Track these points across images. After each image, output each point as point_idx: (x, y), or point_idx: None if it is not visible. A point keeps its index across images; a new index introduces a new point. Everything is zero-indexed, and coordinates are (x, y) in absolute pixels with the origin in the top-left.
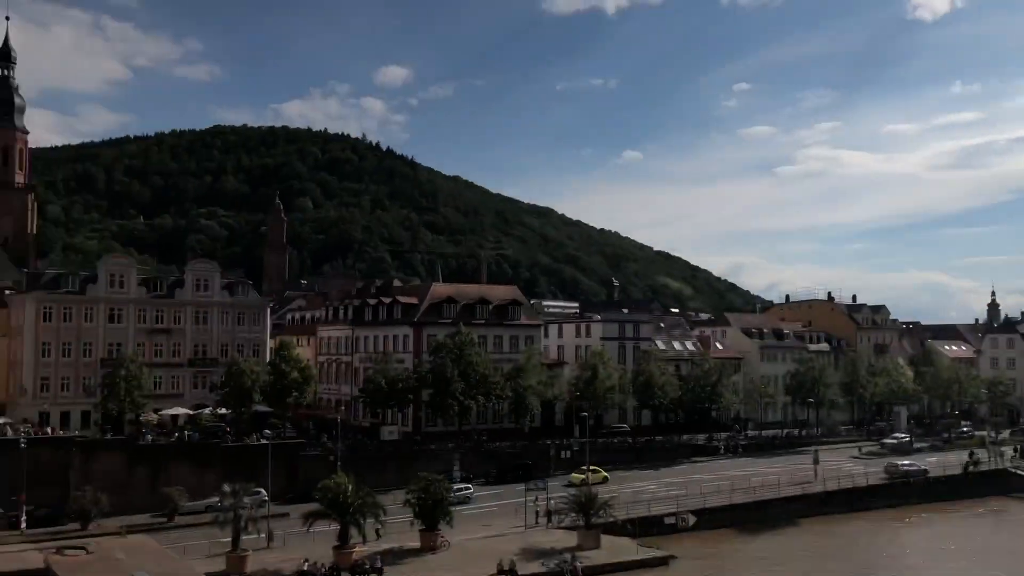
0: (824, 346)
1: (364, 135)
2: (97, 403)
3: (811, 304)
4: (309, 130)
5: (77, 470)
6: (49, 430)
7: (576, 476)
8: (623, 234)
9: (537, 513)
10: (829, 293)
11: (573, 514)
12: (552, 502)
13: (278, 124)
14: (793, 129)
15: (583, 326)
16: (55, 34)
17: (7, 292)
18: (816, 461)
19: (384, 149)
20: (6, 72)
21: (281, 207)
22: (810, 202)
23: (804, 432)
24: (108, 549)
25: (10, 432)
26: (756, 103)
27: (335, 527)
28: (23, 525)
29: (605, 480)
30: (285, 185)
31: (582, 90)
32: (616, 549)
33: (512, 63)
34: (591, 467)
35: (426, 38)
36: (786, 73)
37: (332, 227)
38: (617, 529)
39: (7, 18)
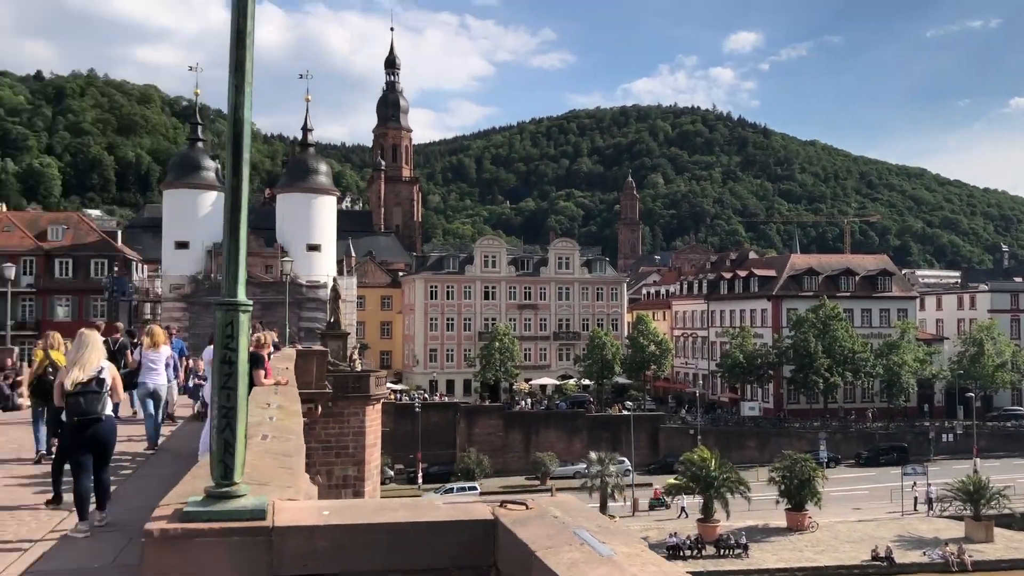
0: None
1: (714, 106)
2: (476, 372)
3: None
4: (659, 106)
5: (462, 433)
6: (438, 396)
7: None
8: (1011, 192)
9: (916, 499)
10: None
11: (959, 503)
12: (932, 488)
13: (628, 103)
14: None
15: (966, 297)
16: (427, 38)
17: (400, 274)
18: None
19: (735, 119)
20: (393, 78)
21: (633, 184)
22: None
23: None
24: (544, 507)
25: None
26: None
27: (698, 500)
28: (420, 480)
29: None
30: (636, 162)
31: (957, 34)
32: (1013, 544)
33: (873, 14)
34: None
35: None
36: None
37: (683, 201)
38: (1015, 523)
39: (391, 29)
